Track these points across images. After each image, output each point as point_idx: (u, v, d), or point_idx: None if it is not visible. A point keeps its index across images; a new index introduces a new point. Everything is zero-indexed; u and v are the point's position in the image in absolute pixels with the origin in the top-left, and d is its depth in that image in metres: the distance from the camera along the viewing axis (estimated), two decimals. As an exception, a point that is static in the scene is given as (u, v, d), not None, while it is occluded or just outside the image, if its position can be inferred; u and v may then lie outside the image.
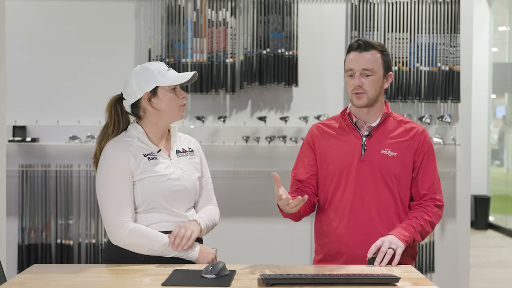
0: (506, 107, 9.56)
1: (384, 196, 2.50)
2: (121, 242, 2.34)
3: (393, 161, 2.50)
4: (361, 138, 2.53)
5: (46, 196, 4.91)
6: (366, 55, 2.50)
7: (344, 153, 2.54)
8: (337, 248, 2.54)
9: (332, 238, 2.55)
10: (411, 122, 2.59)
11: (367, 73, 2.49)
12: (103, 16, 5.00)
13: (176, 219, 2.41)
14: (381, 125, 2.55)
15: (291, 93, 5.02)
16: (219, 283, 2.02)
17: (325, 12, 5.03)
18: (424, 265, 4.98)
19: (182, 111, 2.44)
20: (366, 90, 2.49)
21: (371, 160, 2.50)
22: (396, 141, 2.52)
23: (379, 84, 2.52)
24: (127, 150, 2.37)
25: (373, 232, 2.47)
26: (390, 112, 2.59)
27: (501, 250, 7.62)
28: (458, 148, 5.03)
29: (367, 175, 2.50)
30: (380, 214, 2.50)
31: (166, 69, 2.42)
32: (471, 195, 7.85)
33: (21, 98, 4.92)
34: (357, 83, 2.49)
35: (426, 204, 2.52)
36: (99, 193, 2.38)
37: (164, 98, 2.40)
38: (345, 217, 2.52)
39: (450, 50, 4.94)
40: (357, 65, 2.50)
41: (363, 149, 2.52)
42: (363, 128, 2.56)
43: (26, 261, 4.87)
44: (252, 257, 4.70)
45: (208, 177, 2.60)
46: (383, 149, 2.51)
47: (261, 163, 4.98)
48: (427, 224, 2.49)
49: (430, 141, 2.58)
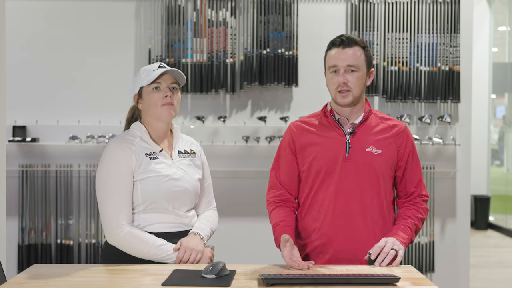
0: (506, 107, 9.55)
1: (368, 194, 2.45)
2: (117, 243, 2.35)
3: (378, 158, 2.46)
4: (345, 135, 2.48)
5: (46, 196, 4.91)
6: (349, 51, 2.45)
7: (327, 151, 2.48)
8: (320, 248, 2.48)
9: (315, 237, 2.49)
10: (392, 119, 2.56)
11: (352, 69, 2.44)
12: (103, 16, 5.00)
13: (176, 220, 2.41)
14: (364, 122, 2.51)
15: (291, 93, 5.02)
16: (219, 283, 2.02)
17: (325, 12, 5.03)
18: (424, 265, 4.98)
19: (167, 109, 2.40)
20: (351, 88, 2.44)
21: (356, 158, 2.45)
22: (380, 138, 2.48)
23: (363, 81, 2.48)
24: (129, 149, 2.37)
25: (357, 233, 2.44)
26: (371, 109, 2.55)
27: (501, 250, 7.62)
28: (458, 148, 5.03)
29: (352, 173, 2.45)
30: (364, 214, 2.45)
31: (154, 68, 2.42)
32: (471, 195, 7.86)
33: (21, 98, 4.92)
34: (342, 80, 2.43)
35: (416, 201, 2.52)
36: (98, 192, 2.38)
37: (145, 98, 2.43)
38: (329, 216, 2.46)
39: (450, 50, 4.94)
40: (341, 61, 2.44)
41: (348, 147, 2.46)
42: (346, 125, 2.50)
43: (26, 261, 4.87)
44: (252, 257, 4.70)
45: (210, 182, 2.61)
46: (367, 147, 2.46)
47: (261, 163, 4.98)
48: (420, 221, 2.50)
49: (412, 139, 2.56)
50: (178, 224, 2.41)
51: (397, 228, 2.44)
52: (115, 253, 2.36)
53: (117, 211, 2.33)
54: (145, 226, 2.38)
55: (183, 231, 2.43)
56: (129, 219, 2.35)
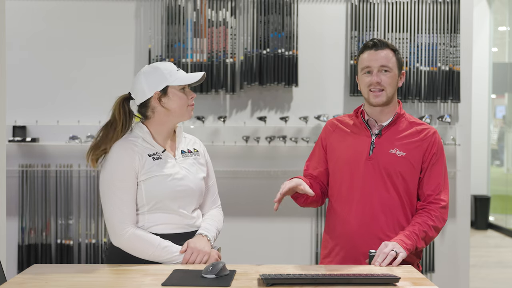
0: (506, 107, 9.55)
1: (390, 195, 2.51)
2: (121, 244, 2.34)
3: (401, 160, 2.51)
4: (371, 136, 2.55)
5: (46, 196, 4.91)
6: (382, 53, 2.54)
7: (353, 150, 2.57)
8: (342, 244, 2.56)
9: (337, 233, 2.58)
10: (423, 124, 2.61)
11: (385, 69, 2.53)
12: (103, 16, 5.00)
13: (181, 221, 2.40)
14: (392, 125, 2.57)
15: (291, 93, 5.02)
16: (219, 283, 2.02)
17: (325, 12, 5.03)
18: (424, 265, 4.97)
19: (191, 110, 2.45)
20: (385, 87, 2.52)
21: (378, 158, 2.52)
22: (406, 142, 2.54)
23: (395, 81, 2.56)
24: (132, 150, 2.37)
25: (378, 230, 2.50)
26: (403, 112, 2.60)
27: (501, 250, 7.62)
28: (458, 148, 5.03)
29: (374, 173, 2.51)
30: (385, 213, 2.51)
31: (176, 69, 2.45)
32: (471, 195, 7.85)
33: (21, 98, 4.92)
34: (375, 79, 2.52)
35: (429, 208, 2.52)
36: (102, 193, 2.38)
37: (174, 98, 2.40)
38: (351, 213, 2.54)
39: (450, 50, 4.94)
40: (375, 62, 2.53)
41: (372, 147, 2.53)
42: (375, 127, 2.57)
43: (26, 261, 4.87)
44: (252, 257, 4.70)
45: (214, 180, 2.61)
46: (391, 149, 2.52)
47: (261, 163, 4.98)
48: (431, 229, 2.48)
49: (440, 143, 2.58)
50: (183, 225, 2.41)
51: (402, 234, 2.45)
52: (120, 254, 2.35)
53: (121, 212, 2.32)
54: (150, 227, 2.37)
55: (188, 233, 2.42)
56: (133, 220, 2.35)
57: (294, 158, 4.96)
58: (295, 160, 4.93)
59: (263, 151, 5.00)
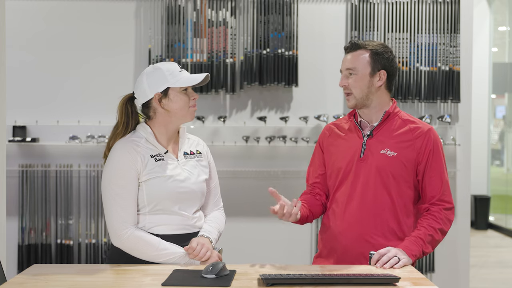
0: (506, 107, 9.55)
1: (381, 196, 2.49)
2: (121, 245, 2.34)
3: (392, 160, 2.48)
4: (363, 137, 2.54)
5: (46, 196, 4.91)
6: (349, 56, 2.55)
7: (347, 152, 2.56)
8: (331, 244, 2.56)
9: (328, 234, 2.58)
10: (417, 122, 2.56)
11: (350, 72, 2.53)
12: (103, 16, 5.00)
13: (182, 222, 2.40)
14: (383, 125, 2.54)
15: (291, 93, 5.02)
16: (219, 283, 2.02)
17: (325, 12, 5.03)
18: (424, 265, 4.98)
19: (193, 112, 2.44)
20: (351, 90, 2.52)
21: (369, 159, 2.50)
22: (397, 141, 2.51)
23: (364, 82, 2.51)
24: (134, 151, 2.36)
25: (365, 233, 2.48)
26: (397, 111, 2.56)
27: (501, 250, 7.62)
28: (458, 148, 5.03)
29: (365, 174, 2.50)
30: (374, 214, 2.48)
31: (178, 70, 2.42)
32: (471, 195, 7.85)
33: (21, 98, 4.92)
34: (341, 83, 2.56)
35: (434, 210, 2.49)
36: (104, 193, 2.38)
37: (175, 99, 2.40)
38: (341, 214, 2.54)
39: (450, 50, 4.94)
40: (342, 66, 2.57)
41: (363, 148, 2.52)
42: (367, 128, 2.56)
43: (26, 261, 4.87)
44: (252, 257, 4.69)
45: (217, 182, 2.61)
46: (382, 149, 2.50)
47: (261, 163, 4.98)
48: (437, 232, 2.46)
49: (436, 140, 2.52)
50: (184, 226, 2.41)
51: (408, 240, 2.42)
52: (122, 254, 2.35)
53: (122, 213, 2.32)
54: (151, 228, 2.37)
55: (189, 234, 2.42)
56: (134, 221, 2.35)
57: (294, 158, 4.96)
58: (295, 160, 4.93)
59: (263, 151, 5.00)
